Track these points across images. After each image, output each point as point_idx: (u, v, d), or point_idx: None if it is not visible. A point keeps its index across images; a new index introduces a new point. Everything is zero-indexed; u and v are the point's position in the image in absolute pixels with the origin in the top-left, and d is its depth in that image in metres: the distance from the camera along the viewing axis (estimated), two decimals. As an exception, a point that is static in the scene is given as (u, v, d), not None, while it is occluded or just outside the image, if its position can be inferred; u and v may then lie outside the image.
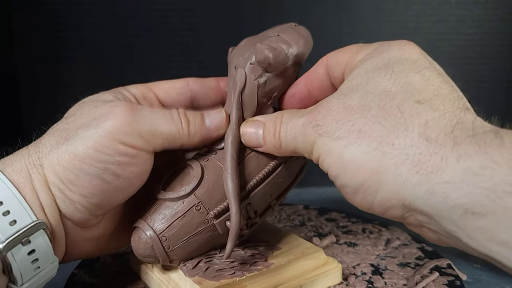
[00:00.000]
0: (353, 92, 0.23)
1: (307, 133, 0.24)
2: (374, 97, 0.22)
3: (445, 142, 0.19)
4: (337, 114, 0.22)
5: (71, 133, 0.25)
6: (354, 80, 0.23)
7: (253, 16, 0.56)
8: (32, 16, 0.53)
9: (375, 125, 0.21)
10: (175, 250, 0.27)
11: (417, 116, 0.20)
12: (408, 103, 0.21)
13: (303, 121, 0.24)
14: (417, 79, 0.22)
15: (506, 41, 0.57)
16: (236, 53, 0.30)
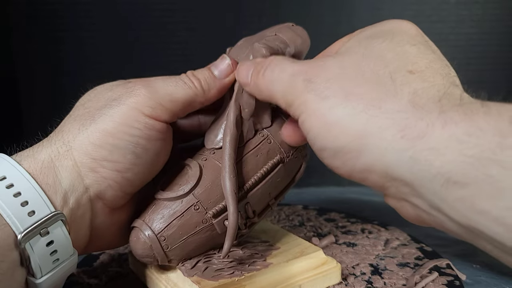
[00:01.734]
0: (350, 54, 0.23)
1: (295, 85, 0.23)
2: (369, 61, 0.22)
3: (432, 109, 0.19)
4: (330, 73, 0.22)
5: (96, 114, 0.26)
6: (353, 44, 0.24)
7: (252, 16, 0.56)
8: (32, 16, 0.53)
9: (365, 88, 0.21)
10: (174, 250, 0.27)
11: (407, 84, 0.20)
12: (400, 72, 0.21)
13: (293, 71, 0.24)
14: (412, 50, 0.22)
15: (506, 41, 0.57)
16: (234, 53, 0.30)
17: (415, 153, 0.18)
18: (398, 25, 0.24)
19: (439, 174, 0.18)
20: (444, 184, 0.18)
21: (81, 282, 0.32)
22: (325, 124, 0.21)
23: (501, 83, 0.59)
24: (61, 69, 0.55)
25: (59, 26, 0.54)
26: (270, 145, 0.29)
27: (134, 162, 0.26)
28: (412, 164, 0.19)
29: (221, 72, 0.29)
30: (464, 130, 0.18)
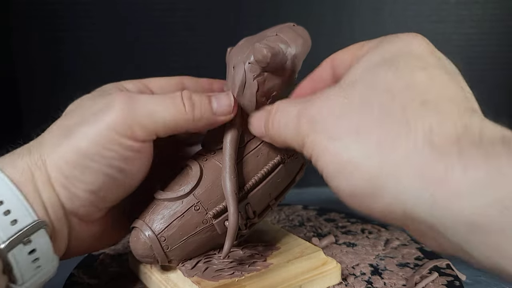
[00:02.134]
0: (354, 86, 0.21)
1: (300, 126, 0.22)
2: (376, 94, 0.20)
3: (450, 150, 0.18)
4: (334, 109, 0.21)
5: (72, 129, 0.25)
6: (356, 73, 0.22)
7: (253, 16, 0.56)
8: (32, 16, 0.53)
9: (376, 126, 0.19)
10: (174, 250, 0.27)
11: (421, 119, 0.19)
12: (412, 104, 0.19)
13: (297, 111, 0.23)
14: (422, 77, 0.20)
15: (506, 41, 0.57)
16: (234, 53, 0.30)
17: (435, 197, 0.17)
18: (406, 44, 0.22)
19: (462, 218, 0.17)
20: (468, 228, 0.17)
21: (81, 282, 0.32)
22: (338, 164, 0.20)
23: (501, 83, 0.59)
24: (61, 69, 0.55)
25: (59, 26, 0.54)
26: (270, 146, 0.29)
27: (107, 183, 0.25)
28: (432, 206, 0.18)
29: (221, 108, 0.27)
30: (486, 175, 0.17)
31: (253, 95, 0.29)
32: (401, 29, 0.65)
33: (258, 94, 0.29)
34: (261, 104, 0.29)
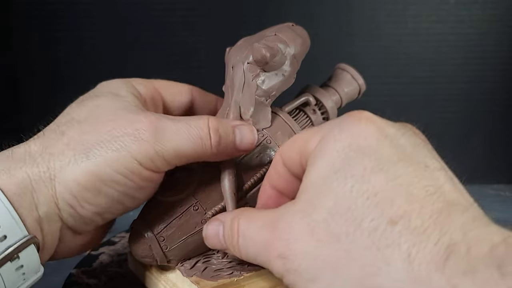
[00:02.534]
0: (315, 209, 0.18)
1: (272, 263, 0.19)
2: (339, 219, 0.17)
3: (440, 284, 0.15)
4: (303, 244, 0.18)
5: (92, 149, 0.23)
6: (312, 188, 0.19)
7: (253, 16, 0.56)
8: (32, 16, 0.53)
9: (349, 262, 0.17)
10: (173, 250, 0.27)
11: (395, 246, 0.16)
12: (380, 226, 0.16)
13: (264, 242, 0.20)
14: (381, 181, 0.17)
15: (505, 41, 0.57)
16: (233, 53, 0.30)
17: None
18: (353, 139, 0.19)
19: None
20: None
21: (80, 282, 0.32)
22: None
23: (501, 83, 0.59)
24: (60, 69, 0.55)
25: (59, 26, 0.54)
26: (269, 145, 0.29)
27: (117, 207, 0.24)
28: None
29: (244, 145, 0.26)
30: None
31: (252, 95, 0.29)
32: (400, 29, 0.66)
33: (257, 94, 0.29)
34: (259, 104, 0.29)
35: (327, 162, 0.19)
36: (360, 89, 0.35)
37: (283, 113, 0.31)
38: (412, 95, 0.61)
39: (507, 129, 0.62)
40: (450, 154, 0.70)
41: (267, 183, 0.25)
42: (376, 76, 0.58)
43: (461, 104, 0.60)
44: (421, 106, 0.61)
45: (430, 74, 0.59)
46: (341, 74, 0.34)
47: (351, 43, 0.58)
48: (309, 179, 0.20)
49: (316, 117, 0.33)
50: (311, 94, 0.33)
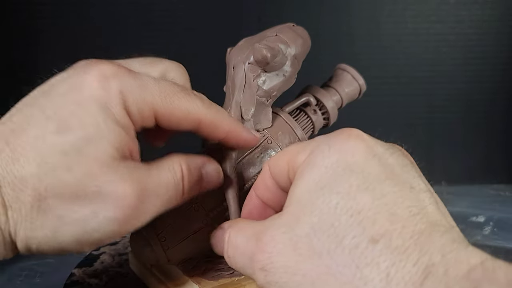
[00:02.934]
0: (299, 224, 0.18)
1: (256, 275, 0.19)
2: (321, 235, 0.17)
3: None
4: (285, 259, 0.18)
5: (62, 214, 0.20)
6: (298, 202, 0.19)
7: (253, 17, 0.56)
8: (32, 16, 0.54)
9: (330, 279, 0.17)
10: (174, 251, 0.27)
11: (374, 264, 0.16)
12: (361, 244, 0.17)
13: (250, 253, 0.20)
14: (366, 200, 0.17)
15: (505, 41, 0.57)
16: (234, 53, 0.30)
17: None
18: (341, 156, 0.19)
19: None
20: None
21: (82, 282, 0.33)
22: None
23: (500, 84, 0.59)
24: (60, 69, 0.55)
25: (58, 26, 0.54)
26: (270, 145, 0.29)
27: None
28: None
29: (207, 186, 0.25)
30: None
31: (253, 96, 0.29)
32: (400, 29, 0.66)
33: (258, 95, 0.29)
34: (260, 104, 0.29)
35: (314, 176, 0.19)
36: (361, 89, 0.35)
37: (284, 113, 0.31)
38: (412, 95, 0.61)
39: (507, 129, 0.62)
40: (450, 154, 0.71)
41: (254, 192, 0.24)
42: (376, 76, 0.59)
43: (461, 104, 0.61)
44: (421, 106, 0.61)
45: (430, 74, 0.59)
46: (342, 74, 0.35)
47: (351, 43, 0.59)
48: (296, 193, 0.20)
49: (317, 118, 0.33)
50: (311, 95, 0.33)
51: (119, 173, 0.20)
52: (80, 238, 0.20)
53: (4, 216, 0.19)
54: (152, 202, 0.22)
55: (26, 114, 0.21)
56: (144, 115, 0.22)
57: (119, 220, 0.20)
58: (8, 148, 0.20)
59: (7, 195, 0.19)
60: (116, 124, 0.21)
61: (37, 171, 0.19)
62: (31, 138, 0.20)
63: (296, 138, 0.31)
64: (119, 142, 0.21)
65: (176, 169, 0.23)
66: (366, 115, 0.61)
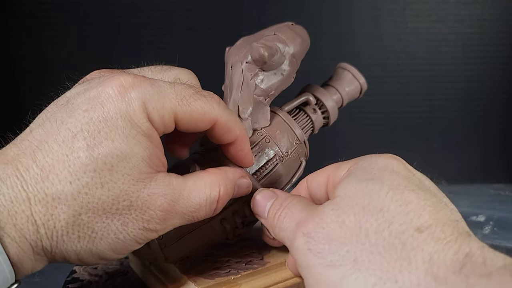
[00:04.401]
0: (348, 205, 0.20)
1: (297, 238, 0.21)
2: (370, 217, 0.19)
3: (456, 283, 0.16)
4: (330, 231, 0.20)
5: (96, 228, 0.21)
6: (349, 187, 0.21)
7: (252, 16, 0.56)
8: (32, 16, 0.54)
9: (374, 255, 0.18)
10: (171, 249, 0.28)
11: (419, 249, 0.18)
12: (408, 231, 0.18)
13: (299, 219, 0.21)
14: (413, 198, 0.20)
15: (505, 40, 0.57)
16: (232, 52, 0.30)
17: None
18: (387, 163, 0.22)
19: None
20: None
21: (82, 279, 0.33)
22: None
23: (500, 83, 0.59)
24: (59, 69, 0.55)
25: (58, 26, 0.54)
26: (268, 144, 0.29)
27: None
28: None
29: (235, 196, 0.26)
30: None
31: (251, 95, 0.29)
32: (400, 29, 0.66)
33: (256, 94, 0.29)
34: (258, 103, 0.29)
35: (364, 171, 0.22)
36: (362, 88, 0.35)
37: (283, 112, 0.31)
38: (412, 95, 0.61)
39: (507, 129, 0.62)
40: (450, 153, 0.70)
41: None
42: (376, 75, 0.59)
43: (461, 104, 0.61)
44: (421, 106, 0.61)
45: (430, 73, 0.59)
46: (342, 73, 0.34)
47: (351, 43, 0.59)
48: (344, 185, 0.22)
49: (317, 117, 0.33)
50: (311, 94, 0.33)
51: (150, 189, 0.21)
52: (115, 247, 0.21)
53: (35, 234, 0.20)
54: (180, 217, 0.23)
55: (49, 130, 0.21)
56: (165, 121, 0.22)
57: (147, 229, 0.22)
58: (35, 165, 0.20)
59: (38, 213, 0.20)
60: (143, 136, 0.21)
61: (70, 189, 0.20)
62: (60, 155, 0.20)
63: (294, 137, 0.30)
64: (148, 155, 0.21)
65: (213, 190, 0.24)
66: (366, 114, 0.61)
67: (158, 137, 0.22)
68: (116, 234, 0.21)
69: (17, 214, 0.19)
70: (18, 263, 0.20)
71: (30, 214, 0.19)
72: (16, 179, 0.19)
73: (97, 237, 0.21)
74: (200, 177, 0.24)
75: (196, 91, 0.24)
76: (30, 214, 0.19)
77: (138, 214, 0.21)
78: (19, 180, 0.20)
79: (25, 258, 0.20)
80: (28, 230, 0.19)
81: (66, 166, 0.20)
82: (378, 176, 0.21)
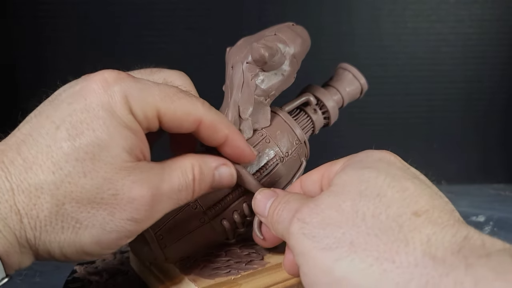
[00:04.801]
0: (345, 192, 0.20)
1: (292, 224, 0.21)
2: (367, 201, 0.19)
3: (455, 263, 0.16)
4: (325, 216, 0.20)
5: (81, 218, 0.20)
6: (347, 178, 0.21)
7: (253, 16, 0.56)
8: (32, 16, 0.54)
9: (370, 237, 0.18)
10: (171, 248, 0.28)
11: (416, 231, 0.18)
12: (405, 214, 0.19)
13: (295, 208, 0.21)
14: (410, 185, 0.20)
15: (505, 40, 0.57)
16: (233, 53, 0.30)
17: None
18: (383, 156, 0.22)
19: None
20: None
21: (83, 279, 0.33)
22: (330, 279, 0.18)
23: (500, 83, 0.59)
24: (59, 69, 0.55)
25: (58, 26, 0.54)
26: (268, 145, 0.29)
27: None
28: None
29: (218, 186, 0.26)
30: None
31: (251, 95, 0.29)
32: (400, 29, 0.66)
33: (256, 94, 0.29)
34: (258, 104, 0.29)
35: (360, 163, 0.22)
36: (362, 88, 0.35)
37: (283, 112, 0.31)
38: (412, 95, 0.61)
39: (506, 129, 0.62)
40: (450, 153, 0.70)
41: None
42: (376, 75, 0.59)
43: (461, 104, 0.61)
44: (421, 106, 0.61)
45: (430, 73, 0.59)
46: (343, 74, 0.34)
47: (351, 43, 0.59)
48: (340, 175, 0.22)
49: (317, 117, 0.33)
50: (311, 94, 0.33)
51: (133, 176, 0.21)
52: (100, 240, 0.21)
53: (19, 224, 0.20)
54: (164, 202, 0.23)
55: (35, 125, 0.21)
56: (148, 116, 0.22)
57: (135, 220, 0.21)
58: (20, 157, 0.20)
59: (21, 202, 0.20)
60: (124, 127, 0.21)
61: (53, 178, 0.20)
62: (43, 147, 0.20)
63: (295, 137, 0.30)
64: (129, 145, 0.21)
65: (188, 171, 0.24)
66: (366, 115, 0.61)
67: (142, 131, 0.22)
68: (102, 224, 0.21)
69: (0, 204, 0.19)
70: (4, 255, 0.20)
71: (13, 203, 0.20)
72: (0, 172, 0.20)
73: (81, 228, 0.20)
74: (177, 159, 0.24)
75: (180, 90, 0.24)
76: (14, 204, 0.20)
77: (125, 204, 0.21)
78: (4, 172, 0.20)
79: (11, 250, 0.20)
80: (12, 220, 0.20)
81: (49, 156, 0.20)
82: (375, 165, 0.21)
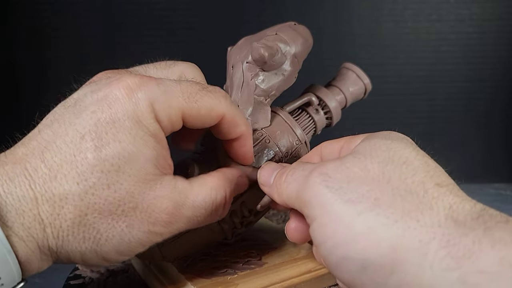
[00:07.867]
0: (372, 155, 0.20)
1: (311, 179, 0.20)
2: (395, 166, 0.20)
3: (475, 226, 0.17)
4: (351, 173, 0.20)
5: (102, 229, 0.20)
6: (372, 143, 0.21)
7: (253, 16, 0.56)
8: (32, 16, 0.54)
9: (396, 197, 0.18)
10: (168, 248, 0.28)
11: (440, 198, 0.18)
12: (429, 183, 0.19)
13: (313, 168, 0.21)
14: (431, 163, 0.20)
15: (505, 40, 0.57)
16: (233, 52, 0.30)
17: (463, 275, 0.16)
18: (405, 136, 0.22)
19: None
20: None
21: (84, 276, 0.33)
22: (352, 232, 0.18)
23: (501, 82, 0.59)
24: (59, 70, 0.55)
25: (58, 25, 0.54)
26: (268, 145, 0.29)
27: None
28: (459, 286, 0.16)
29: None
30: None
31: (251, 95, 0.29)
32: (400, 28, 0.66)
33: (256, 94, 0.29)
34: (259, 103, 0.29)
35: (384, 136, 0.22)
36: (366, 88, 0.34)
37: (283, 112, 0.31)
38: (412, 94, 0.61)
39: (507, 128, 0.62)
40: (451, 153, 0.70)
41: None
42: (376, 75, 0.58)
43: (462, 103, 0.61)
44: (421, 105, 0.61)
45: (430, 73, 0.59)
46: (346, 74, 0.34)
47: (351, 43, 0.59)
48: (367, 140, 0.22)
49: (319, 117, 0.32)
50: (314, 94, 0.32)
51: (155, 191, 0.21)
52: (119, 248, 0.21)
53: (42, 233, 0.20)
54: (186, 221, 0.23)
55: (58, 131, 0.21)
56: (173, 120, 0.22)
57: (154, 232, 0.22)
58: (44, 165, 0.20)
59: (45, 212, 0.20)
60: (150, 136, 0.21)
61: (77, 189, 0.20)
62: (68, 156, 0.20)
63: (295, 137, 0.30)
64: (155, 156, 0.21)
65: (219, 194, 0.24)
66: (367, 114, 0.61)
67: (165, 138, 0.22)
68: (121, 236, 0.21)
69: (24, 213, 0.19)
70: (26, 263, 0.20)
71: (37, 213, 0.19)
72: (24, 179, 0.20)
73: (102, 238, 0.21)
74: (205, 181, 0.24)
75: (202, 87, 0.23)
76: (37, 213, 0.19)
77: (143, 217, 0.21)
78: (27, 180, 0.20)
79: (33, 258, 0.20)
80: (35, 229, 0.19)
81: (74, 166, 0.20)
82: (400, 139, 0.21)
